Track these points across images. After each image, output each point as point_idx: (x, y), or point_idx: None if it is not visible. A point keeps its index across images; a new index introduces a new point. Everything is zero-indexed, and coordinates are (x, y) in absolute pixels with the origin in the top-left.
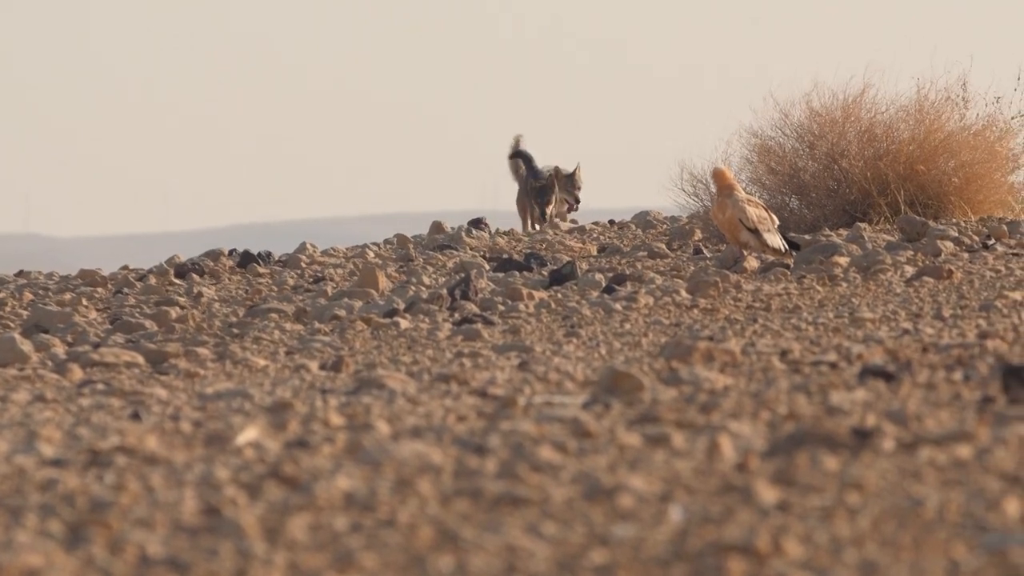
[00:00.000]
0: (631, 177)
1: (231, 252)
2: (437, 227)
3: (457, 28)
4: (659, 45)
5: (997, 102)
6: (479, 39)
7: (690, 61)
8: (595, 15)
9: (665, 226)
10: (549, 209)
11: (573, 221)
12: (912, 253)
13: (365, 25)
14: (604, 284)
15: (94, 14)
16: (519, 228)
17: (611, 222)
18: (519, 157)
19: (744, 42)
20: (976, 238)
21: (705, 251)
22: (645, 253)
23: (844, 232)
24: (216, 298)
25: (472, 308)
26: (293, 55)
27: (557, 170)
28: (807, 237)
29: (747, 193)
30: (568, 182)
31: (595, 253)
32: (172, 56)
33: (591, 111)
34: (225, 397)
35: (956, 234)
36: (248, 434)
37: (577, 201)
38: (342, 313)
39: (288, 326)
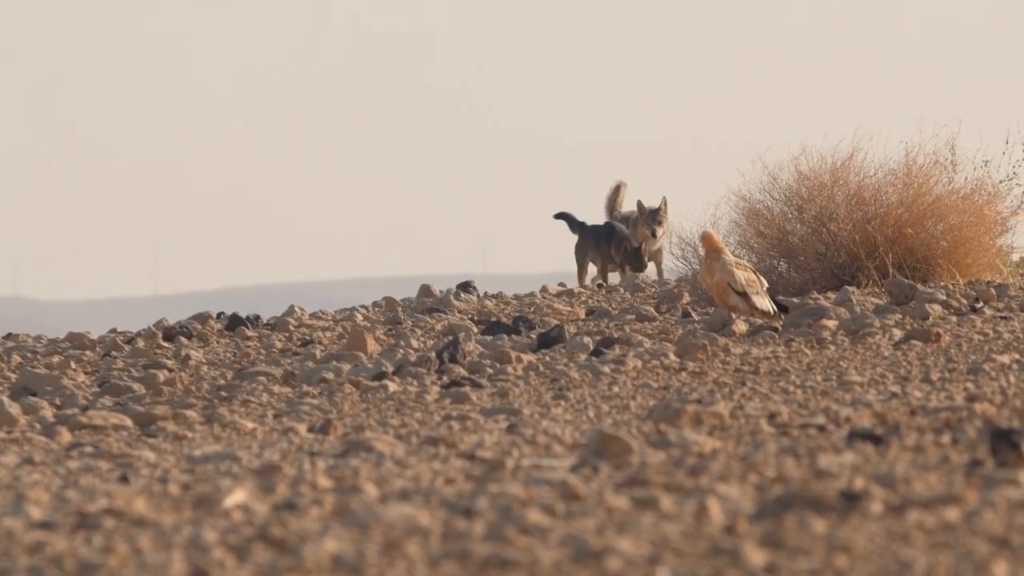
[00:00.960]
0: None
1: (219, 315)
2: (426, 290)
3: (448, 90)
4: (646, 109)
5: (985, 165)
6: (469, 103)
7: (677, 125)
8: (581, 82)
9: (654, 289)
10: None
11: (562, 284)
12: (900, 316)
13: (353, 89)
14: (592, 347)
15: (79, 79)
16: (508, 291)
17: (600, 285)
18: (564, 219)
19: (733, 106)
20: (964, 301)
21: (693, 314)
22: (633, 316)
23: (832, 295)
24: (204, 361)
25: (460, 371)
26: (280, 118)
27: (639, 204)
28: (795, 300)
29: (735, 256)
30: (651, 216)
31: (583, 316)
32: (161, 119)
33: (579, 174)
34: (213, 460)
35: (944, 297)
36: (236, 496)
37: (653, 234)
38: (330, 376)
39: (276, 389)
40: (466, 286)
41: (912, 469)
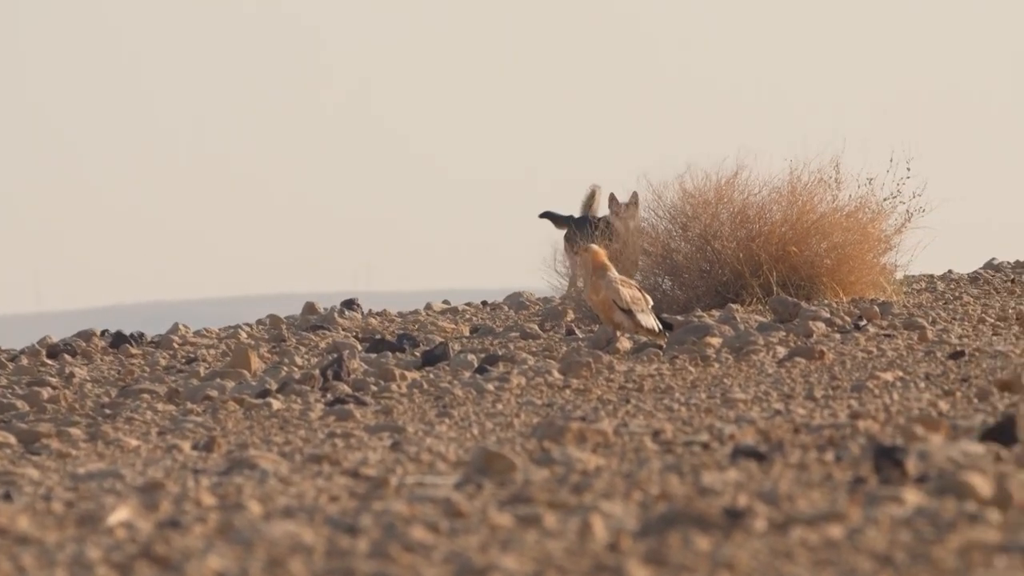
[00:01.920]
0: (504, 258)
1: (103, 333)
2: (310, 308)
3: (332, 110)
4: (530, 122)
5: (870, 183)
6: (353, 122)
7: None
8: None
9: (538, 307)
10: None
11: (446, 302)
12: (784, 334)
13: (236, 104)
14: (476, 365)
15: None
16: (392, 309)
17: (484, 303)
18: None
19: (617, 123)
20: (848, 319)
21: (578, 332)
22: (517, 334)
23: (716, 313)
24: (88, 378)
25: (344, 388)
26: (164, 133)
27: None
28: (680, 318)
29: (620, 274)
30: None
31: (467, 334)
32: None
33: (463, 191)
34: (97, 477)
35: (828, 315)
36: (120, 514)
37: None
38: (214, 393)
39: (160, 406)
40: (350, 303)
41: (796, 486)
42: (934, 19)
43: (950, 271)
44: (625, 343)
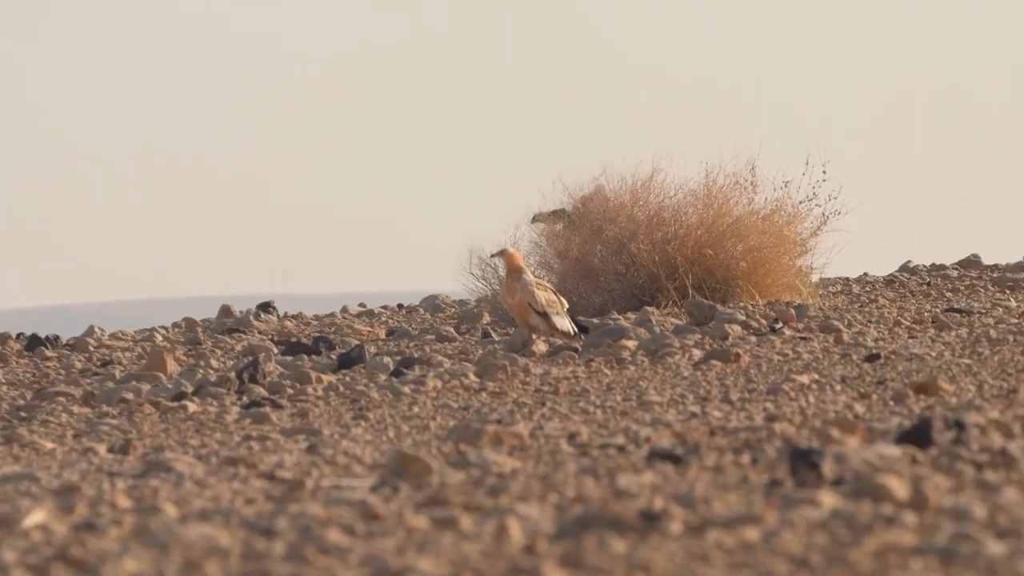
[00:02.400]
0: (420, 261)
1: (18, 336)
2: (226, 311)
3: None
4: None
5: (785, 186)
6: (270, 119)
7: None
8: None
9: (454, 310)
10: None
11: (362, 305)
12: (700, 337)
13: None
14: (392, 367)
15: None
16: (308, 312)
17: (400, 306)
18: None
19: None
20: (764, 322)
21: (494, 334)
22: (434, 336)
23: (632, 316)
24: (3, 381)
25: (260, 391)
26: (77, 133)
27: None
28: (595, 321)
29: (536, 277)
30: None
31: (383, 336)
32: None
33: (379, 195)
34: (12, 480)
35: (744, 318)
36: (35, 517)
37: None
38: (130, 396)
39: (76, 409)
40: (266, 306)
41: (712, 489)
42: (850, 21)
43: (866, 274)
44: (541, 346)
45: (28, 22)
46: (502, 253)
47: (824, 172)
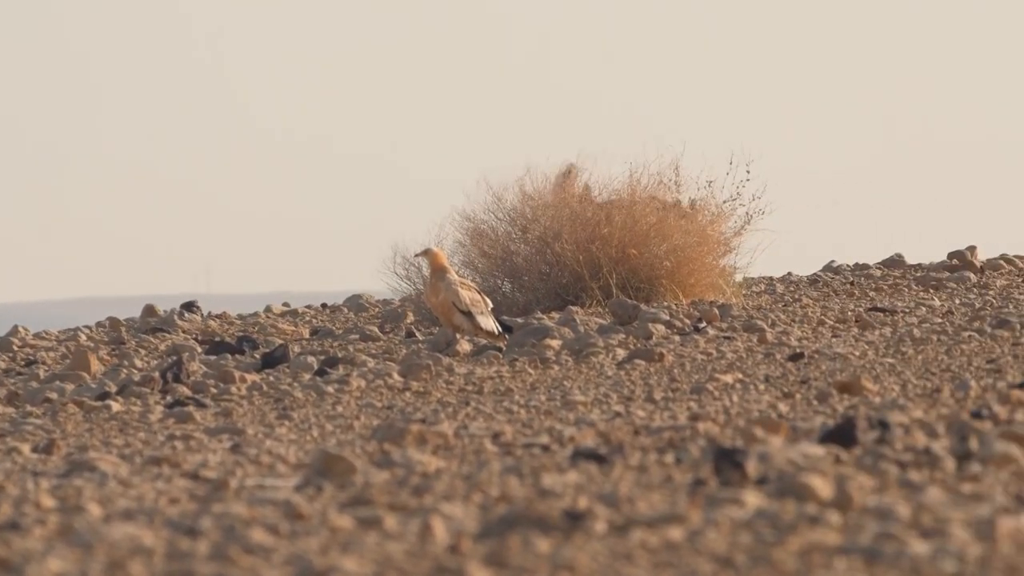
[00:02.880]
0: (344, 261)
1: None
2: (149, 310)
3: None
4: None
5: (709, 186)
6: (193, 119)
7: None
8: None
9: (378, 309)
10: None
11: (286, 304)
12: (624, 336)
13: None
14: (316, 367)
15: None
16: (232, 311)
17: (323, 305)
18: None
19: (457, 125)
20: (687, 321)
21: (418, 334)
22: (357, 336)
23: (556, 315)
24: None
25: (184, 391)
26: None
27: None
28: (520, 320)
29: (460, 276)
30: None
31: (307, 336)
32: None
33: (303, 195)
34: None
35: (668, 317)
36: None
37: None
38: (54, 396)
39: (0, 409)
40: (190, 306)
41: (636, 488)
42: (771, 20)
43: (790, 273)
44: (465, 345)
45: None
46: (426, 252)
47: (748, 172)
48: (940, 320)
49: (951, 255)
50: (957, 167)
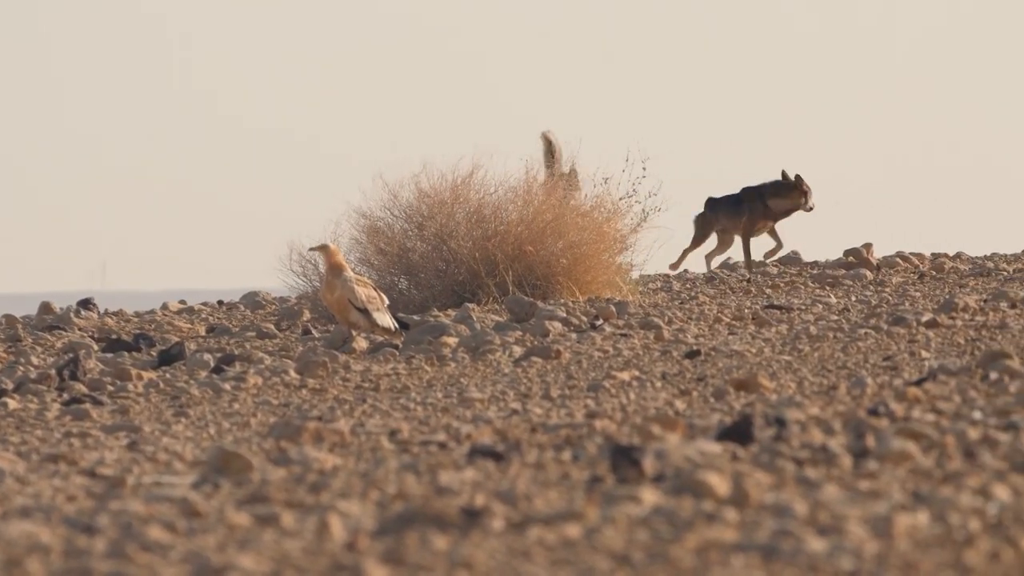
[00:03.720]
0: (240, 258)
1: None
2: (46, 307)
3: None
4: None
5: (605, 183)
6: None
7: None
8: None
9: (274, 306)
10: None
11: (182, 302)
12: (520, 333)
13: None
14: (213, 364)
15: None
16: (129, 308)
17: (220, 303)
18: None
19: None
20: (584, 319)
21: (314, 331)
22: (254, 333)
23: (453, 312)
24: None
25: (81, 388)
26: None
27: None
28: (416, 317)
29: (356, 273)
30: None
31: (204, 333)
32: None
33: (198, 192)
34: None
35: (564, 315)
36: None
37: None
38: None
39: None
40: (86, 303)
41: (533, 486)
42: (666, 19)
43: (686, 271)
44: (361, 343)
45: None
46: (322, 248)
47: (644, 169)
48: (836, 317)
49: (847, 252)
50: (852, 165)
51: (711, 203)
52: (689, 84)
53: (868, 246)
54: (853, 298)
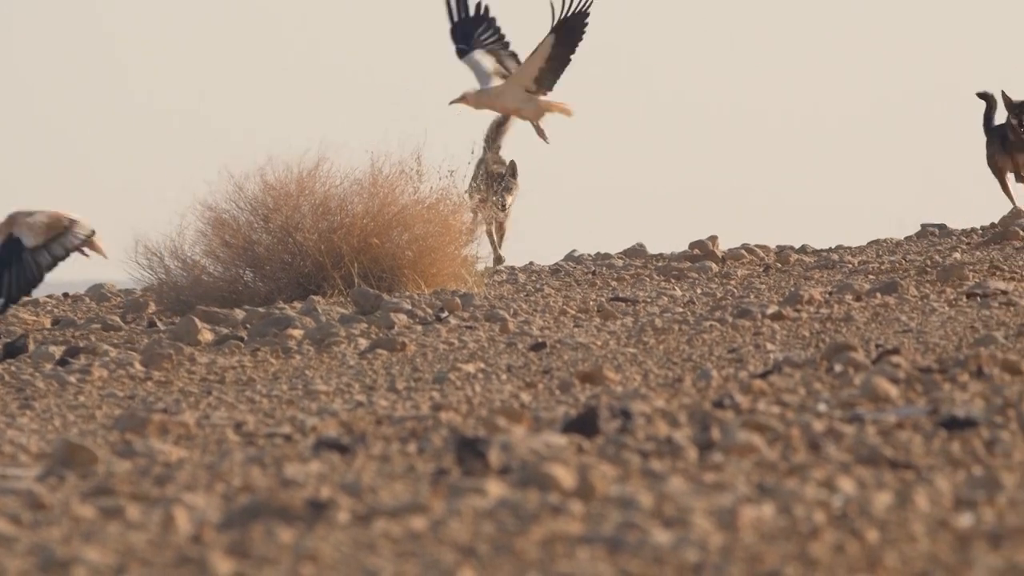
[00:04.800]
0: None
1: None
2: None
3: None
4: (105, 116)
5: (451, 176)
6: None
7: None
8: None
9: (120, 299)
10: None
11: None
12: (366, 326)
13: None
14: (58, 357)
15: None
16: None
17: (65, 295)
18: None
19: (197, 116)
20: (430, 311)
21: (159, 323)
22: (99, 326)
23: (299, 305)
24: None
25: None
26: None
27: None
28: (261, 310)
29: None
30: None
31: (48, 326)
32: None
33: (41, 183)
34: None
35: (410, 307)
36: None
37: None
38: None
39: None
40: None
41: (379, 478)
42: (506, 10)
43: (531, 263)
44: (207, 335)
45: None
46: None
47: None
48: (682, 310)
49: (692, 245)
50: (697, 158)
51: None
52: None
53: (713, 238)
54: (698, 290)
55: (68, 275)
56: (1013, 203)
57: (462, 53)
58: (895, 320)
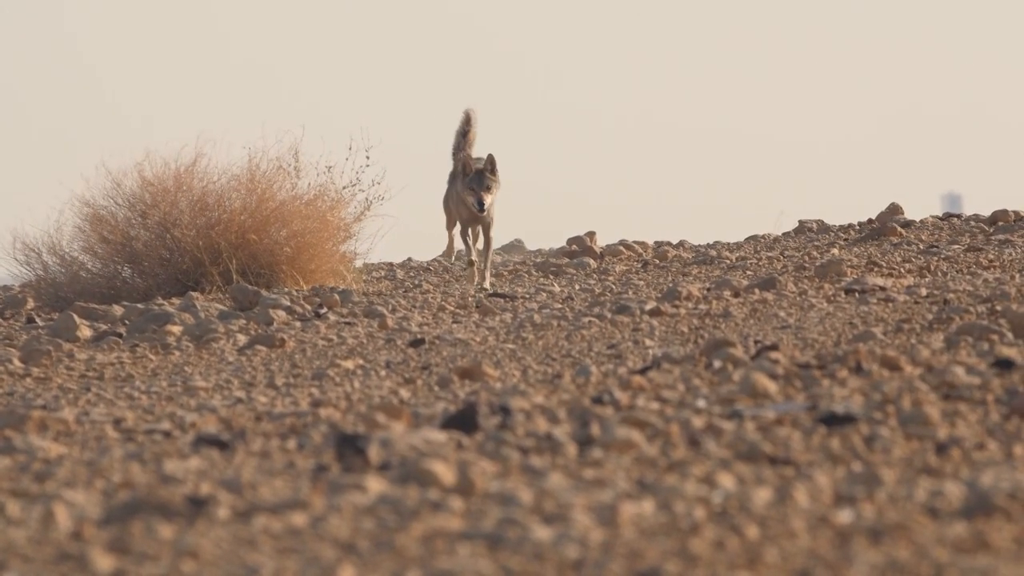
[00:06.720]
0: None
1: None
2: None
3: None
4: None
5: (329, 171)
6: None
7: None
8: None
9: None
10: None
11: None
12: (245, 322)
13: None
14: None
15: None
16: None
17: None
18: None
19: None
20: (308, 307)
21: (38, 320)
22: None
23: (177, 301)
24: None
25: None
26: None
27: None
28: (140, 306)
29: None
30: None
31: None
32: None
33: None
34: None
35: (288, 303)
36: None
37: (480, 205)
38: None
39: None
40: None
41: (258, 474)
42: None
43: (410, 259)
44: (85, 331)
45: None
46: None
47: (368, 157)
48: (560, 306)
49: (570, 241)
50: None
51: None
52: (416, 70)
53: (591, 234)
54: (577, 287)
55: None
56: None
57: None
58: (774, 316)
